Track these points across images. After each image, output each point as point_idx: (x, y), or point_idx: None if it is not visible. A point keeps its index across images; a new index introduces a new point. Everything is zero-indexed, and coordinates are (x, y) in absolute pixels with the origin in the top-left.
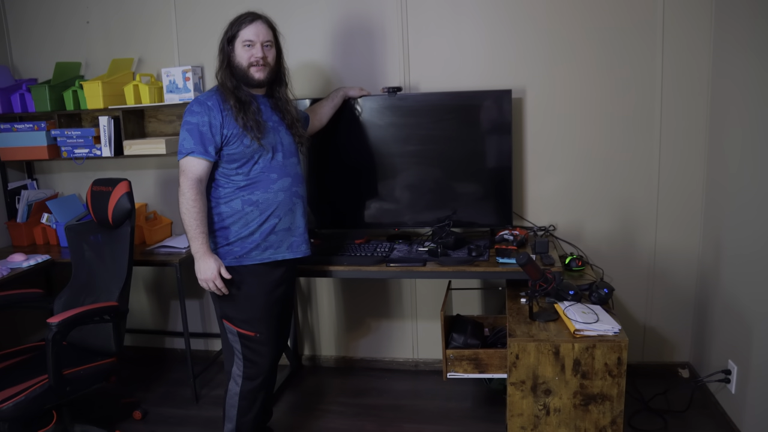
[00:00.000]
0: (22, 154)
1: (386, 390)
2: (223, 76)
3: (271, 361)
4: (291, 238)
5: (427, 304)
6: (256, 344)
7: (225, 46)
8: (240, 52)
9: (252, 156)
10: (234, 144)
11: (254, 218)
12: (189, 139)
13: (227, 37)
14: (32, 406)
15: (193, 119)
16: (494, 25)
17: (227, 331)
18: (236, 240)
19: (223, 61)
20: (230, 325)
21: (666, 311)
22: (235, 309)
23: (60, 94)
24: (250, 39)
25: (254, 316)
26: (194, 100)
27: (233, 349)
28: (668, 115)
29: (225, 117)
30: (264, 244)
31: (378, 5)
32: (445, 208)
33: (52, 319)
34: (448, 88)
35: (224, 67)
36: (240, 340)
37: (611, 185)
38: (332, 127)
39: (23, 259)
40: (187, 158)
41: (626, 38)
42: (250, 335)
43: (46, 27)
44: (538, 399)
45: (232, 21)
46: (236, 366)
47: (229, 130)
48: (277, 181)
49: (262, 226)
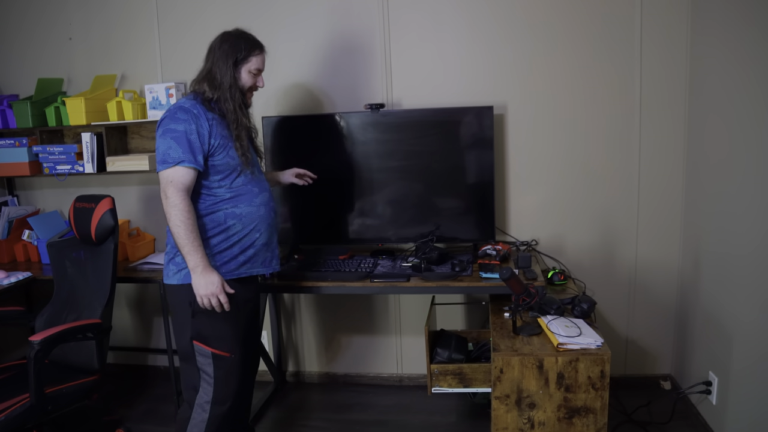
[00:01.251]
0: (3, 171)
1: (371, 405)
2: (209, 87)
3: (242, 381)
4: (266, 254)
5: (411, 320)
6: (229, 364)
7: (230, 65)
8: (245, 76)
9: (235, 168)
10: (219, 155)
11: (236, 231)
12: (177, 148)
13: (236, 58)
14: (13, 426)
15: (180, 126)
16: (475, 42)
17: (197, 353)
18: (215, 254)
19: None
20: (203, 346)
21: (647, 324)
22: (211, 327)
23: (42, 110)
24: (260, 68)
25: (230, 334)
26: (176, 107)
27: (200, 374)
28: (647, 129)
29: (212, 126)
30: (241, 258)
31: (361, 25)
32: (428, 223)
33: (34, 337)
34: (430, 104)
35: (222, 82)
36: (213, 362)
37: (592, 199)
38: (315, 144)
39: (4, 277)
40: (175, 168)
41: (605, 54)
42: (225, 356)
43: (27, 43)
44: (523, 413)
45: (244, 44)
46: (203, 392)
47: (216, 140)
48: (259, 195)
49: (242, 240)
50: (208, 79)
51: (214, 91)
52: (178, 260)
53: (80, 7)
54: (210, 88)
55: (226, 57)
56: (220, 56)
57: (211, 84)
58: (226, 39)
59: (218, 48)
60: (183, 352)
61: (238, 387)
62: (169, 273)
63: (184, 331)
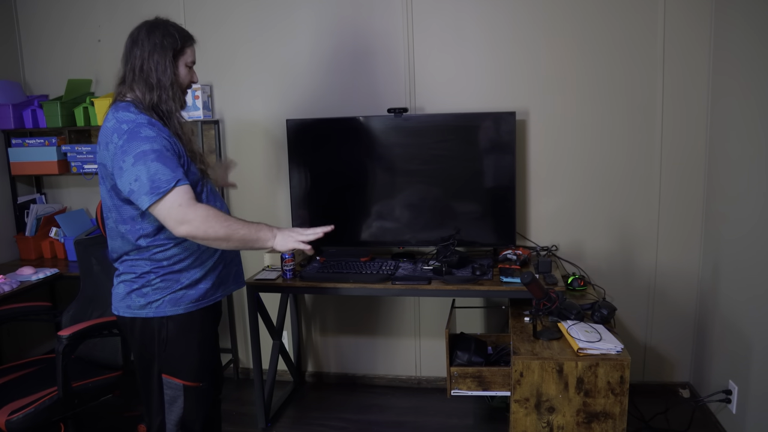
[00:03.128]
0: (32, 169)
1: (389, 407)
2: (146, 89)
3: (214, 402)
4: (234, 268)
5: (430, 322)
6: (200, 393)
7: (169, 58)
8: (183, 71)
9: (197, 184)
10: (186, 171)
11: (209, 255)
12: (164, 169)
13: (174, 50)
14: (41, 418)
15: (156, 145)
16: (497, 48)
17: (167, 387)
18: (190, 283)
19: (154, 71)
20: (174, 379)
21: (666, 331)
22: (182, 360)
23: (71, 111)
24: (194, 61)
25: (202, 363)
26: (134, 124)
27: (163, 405)
28: (668, 135)
29: (175, 142)
30: (218, 281)
31: (385, 30)
32: (448, 227)
33: (63, 332)
34: (452, 109)
35: (160, 80)
36: (184, 394)
37: (612, 205)
38: (338, 147)
39: (32, 273)
40: (176, 190)
41: (627, 61)
42: (196, 386)
43: (58, 44)
44: (542, 416)
45: (177, 33)
46: (169, 424)
47: (182, 158)
48: (221, 209)
49: (216, 262)
50: (141, 78)
51: (151, 93)
52: (146, 291)
53: (109, 9)
54: (147, 90)
55: (163, 49)
56: (153, 49)
57: (146, 84)
58: (154, 28)
59: (146, 40)
60: (148, 386)
61: (207, 411)
62: (133, 305)
63: (150, 366)
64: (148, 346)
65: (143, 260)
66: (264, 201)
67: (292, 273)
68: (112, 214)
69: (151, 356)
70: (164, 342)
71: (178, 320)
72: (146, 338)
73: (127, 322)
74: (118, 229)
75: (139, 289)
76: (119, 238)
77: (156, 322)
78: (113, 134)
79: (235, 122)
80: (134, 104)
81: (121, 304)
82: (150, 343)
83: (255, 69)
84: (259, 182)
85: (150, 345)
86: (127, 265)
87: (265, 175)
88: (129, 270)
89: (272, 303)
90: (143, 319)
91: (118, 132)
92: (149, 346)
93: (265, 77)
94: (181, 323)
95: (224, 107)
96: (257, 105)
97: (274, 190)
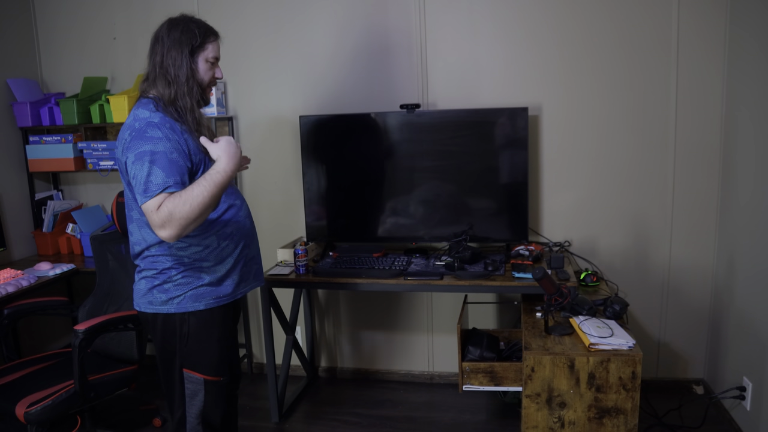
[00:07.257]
0: (49, 166)
1: (401, 402)
2: (164, 85)
3: (232, 397)
4: (255, 266)
5: (442, 318)
6: (219, 388)
7: (185, 54)
8: (203, 66)
9: None
10: (200, 172)
11: (229, 252)
12: (158, 172)
13: (192, 46)
14: (58, 410)
15: (159, 146)
16: (510, 43)
17: (187, 381)
18: (212, 280)
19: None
20: (194, 373)
21: (680, 327)
22: (203, 355)
23: (87, 108)
24: (217, 57)
25: (222, 358)
26: (144, 123)
27: (187, 399)
28: (682, 131)
29: (188, 139)
30: (238, 279)
31: (398, 26)
32: (460, 222)
33: (79, 326)
34: (465, 105)
35: (177, 75)
36: (205, 388)
37: (625, 201)
38: (351, 143)
39: (49, 268)
40: (161, 195)
41: (641, 55)
42: (216, 380)
43: (74, 43)
44: (553, 412)
45: (197, 29)
46: (190, 417)
47: (197, 155)
48: (242, 207)
49: (236, 259)
50: (162, 74)
51: (169, 88)
52: (167, 287)
53: (124, 7)
54: (165, 86)
55: (180, 45)
56: (172, 45)
57: (165, 80)
58: (175, 25)
59: (167, 36)
60: (169, 381)
61: (226, 405)
62: (154, 301)
63: (172, 361)
64: (170, 342)
65: (164, 256)
66: (278, 197)
67: (305, 268)
68: (135, 205)
69: (172, 351)
70: (185, 337)
71: (199, 316)
72: (168, 333)
73: (149, 318)
74: (142, 220)
75: (160, 285)
76: (140, 230)
77: (177, 317)
78: (127, 130)
79: (249, 119)
80: (155, 101)
81: (142, 300)
82: (171, 338)
83: (269, 65)
84: (273, 178)
85: (171, 340)
86: (149, 261)
87: (279, 172)
88: (150, 266)
89: (285, 298)
90: (165, 315)
91: (130, 129)
92: (171, 342)
93: (279, 73)
94: (202, 319)
95: (238, 104)
96: (271, 101)
97: (288, 186)
